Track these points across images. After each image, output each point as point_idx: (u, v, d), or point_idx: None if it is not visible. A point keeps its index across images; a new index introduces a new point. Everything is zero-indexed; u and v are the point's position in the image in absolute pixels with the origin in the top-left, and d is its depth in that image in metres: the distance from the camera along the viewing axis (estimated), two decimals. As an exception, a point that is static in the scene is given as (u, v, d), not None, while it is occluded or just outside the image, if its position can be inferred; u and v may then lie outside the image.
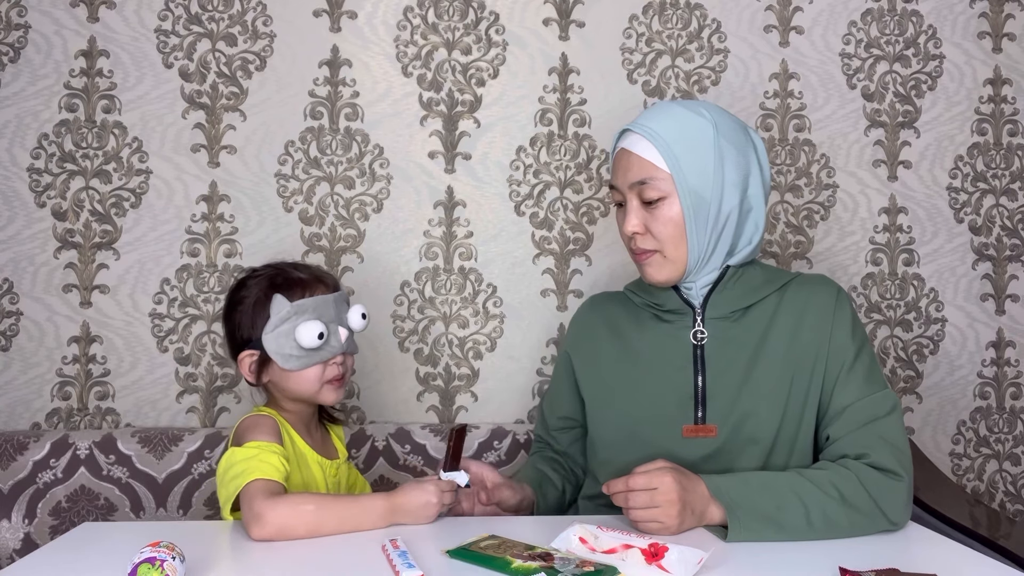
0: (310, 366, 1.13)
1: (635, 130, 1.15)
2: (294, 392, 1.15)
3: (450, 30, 1.67)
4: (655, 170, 1.12)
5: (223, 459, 1.07)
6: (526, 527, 1.03)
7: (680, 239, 1.13)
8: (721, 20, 1.71)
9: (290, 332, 1.11)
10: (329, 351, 1.14)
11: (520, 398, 1.65)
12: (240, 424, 1.13)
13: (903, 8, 1.75)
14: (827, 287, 1.17)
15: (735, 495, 1.01)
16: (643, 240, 1.15)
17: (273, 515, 0.97)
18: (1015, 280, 1.76)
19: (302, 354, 1.12)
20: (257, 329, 1.13)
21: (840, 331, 1.13)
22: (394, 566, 0.86)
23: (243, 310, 1.15)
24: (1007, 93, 1.77)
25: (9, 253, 1.58)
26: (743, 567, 0.89)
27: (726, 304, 1.16)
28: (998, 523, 1.36)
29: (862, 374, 1.11)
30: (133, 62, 1.61)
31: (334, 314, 1.15)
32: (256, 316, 1.14)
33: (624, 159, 1.16)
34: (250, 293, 1.15)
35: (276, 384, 1.16)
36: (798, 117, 1.72)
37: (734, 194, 1.14)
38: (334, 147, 1.64)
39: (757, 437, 1.11)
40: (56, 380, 1.58)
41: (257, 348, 1.14)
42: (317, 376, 1.14)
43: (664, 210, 1.12)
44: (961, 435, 1.74)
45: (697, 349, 1.15)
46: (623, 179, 1.15)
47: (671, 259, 1.15)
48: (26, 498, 1.43)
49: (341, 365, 1.16)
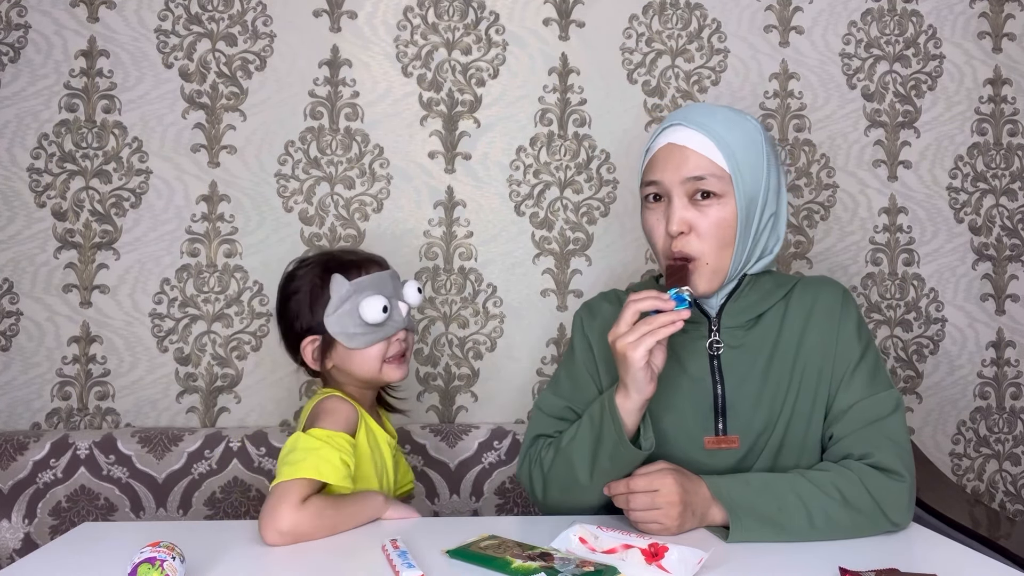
0: (375, 343, 1.13)
1: (688, 125, 1.10)
2: (358, 373, 1.15)
3: (450, 30, 1.67)
4: (714, 167, 1.07)
5: (289, 441, 1.06)
6: (526, 527, 1.03)
7: (726, 244, 1.09)
8: (721, 20, 1.71)
9: (353, 310, 1.12)
10: (392, 326, 1.14)
11: (520, 398, 1.65)
12: (316, 406, 1.11)
13: (903, 8, 1.75)
14: (832, 288, 1.16)
15: (736, 496, 1.01)
16: (687, 242, 1.08)
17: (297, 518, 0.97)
18: (1015, 280, 1.76)
19: (367, 331, 1.12)
20: (317, 315, 1.13)
21: (846, 331, 1.12)
22: (394, 566, 0.86)
23: (299, 299, 1.15)
24: (1007, 93, 1.77)
25: (9, 253, 1.58)
26: (743, 567, 0.89)
27: (741, 313, 1.14)
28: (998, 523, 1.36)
29: (867, 373, 1.10)
30: (133, 62, 1.61)
31: (392, 290, 1.16)
32: (314, 302, 1.14)
33: (677, 153, 1.09)
34: (304, 282, 1.16)
35: (340, 367, 1.16)
36: (798, 117, 1.72)
37: (774, 200, 1.13)
38: (334, 147, 1.64)
39: (775, 444, 1.10)
40: (56, 380, 1.58)
41: (319, 332, 1.14)
42: (380, 354, 1.14)
43: (717, 211, 1.07)
44: (961, 435, 1.74)
45: (714, 359, 1.13)
46: (675, 173, 1.08)
47: (713, 267, 1.09)
48: (26, 498, 1.43)
49: (403, 342, 1.17)
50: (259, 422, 1.61)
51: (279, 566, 0.90)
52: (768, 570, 0.89)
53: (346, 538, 1.00)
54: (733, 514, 0.99)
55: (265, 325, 1.62)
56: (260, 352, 1.62)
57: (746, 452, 1.10)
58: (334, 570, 0.89)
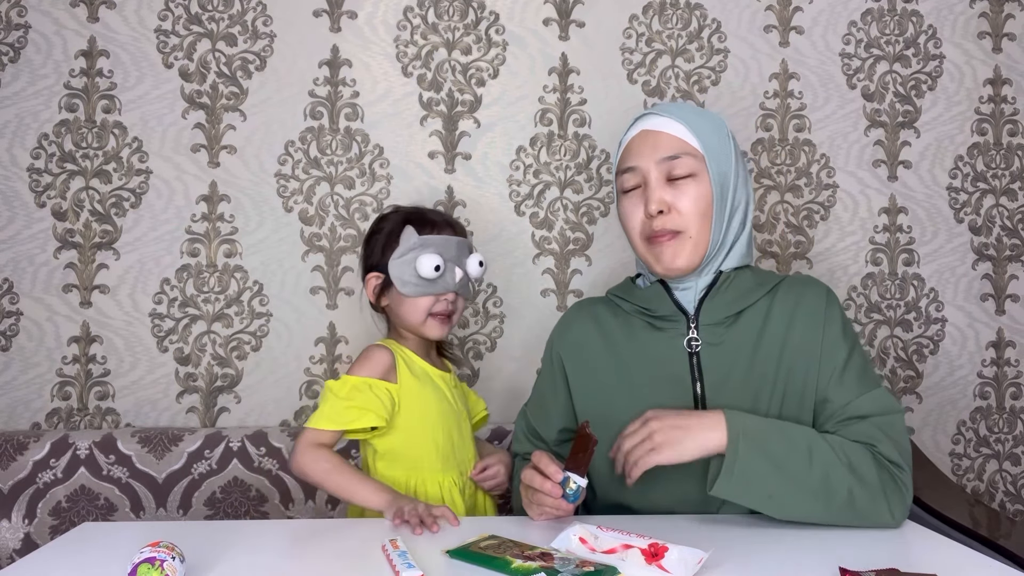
0: (424, 295, 1.22)
1: (660, 114, 1.15)
2: (403, 318, 1.25)
3: (450, 30, 1.67)
4: (687, 147, 1.12)
5: (328, 382, 1.19)
6: (526, 527, 1.03)
7: (705, 219, 1.12)
8: (721, 20, 1.71)
9: (412, 261, 1.21)
10: (443, 285, 1.23)
11: (520, 398, 1.65)
12: (362, 354, 1.23)
13: (903, 8, 1.75)
14: (816, 288, 1.16)
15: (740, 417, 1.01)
16: (667, 220, 1.11)
17: (303, 458, 1.13)
18: (1015, 280, 1.76)
19: (419, 282, 1.21)
20: (386, 256, 1.24)
21: (831, 331, 1.12)
22: (394, 566, 0.86)
23: (378, 238, 1.27)
24: (1007, 93, 1.77)
25: (9, 253, 1.58)
26: (743, 567, 0.89)
27: (719, 310, 1.14)
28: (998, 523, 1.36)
29: (857, 372, 1.10)
30: (133, 62, 1.61)
31: (455, 254, 1.24)
32: (388, 244, 1.25)
33: (650, 138, 1.14)
34: (387, 224, 1.27)
35: (391, 308, 1.27)
36: (798, 117, 1.72)
37: (743, 190, 1.16)
38: (334, 147, 1.65)
39: None
40: (56, 380, 1.58)
41: (383, 272, 1.25)
42: (427, 307, 1.23)
43: (693, 188, 1.11)
44: (961, 435, 1.74)
45: (692, 357, 1.13)
46: (650, 156, 1.12)
47: (695, 240, 1.12)
48: (26, 498, 1.43)
49: (452, 303, 1.25)
50: (259, 422, 1.61)
51: (279, 566, 0.90)
52: (768, 570, 0.89)
53: (346, 538, 1.00)
54: (732, 434, 0.99)
55: (265, 325, 1.62)
56: (260, 352, 1.62)
57: None
58: (334, 570, 0.89)
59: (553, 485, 1.00)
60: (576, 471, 1.00)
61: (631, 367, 1.16)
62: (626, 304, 1.21)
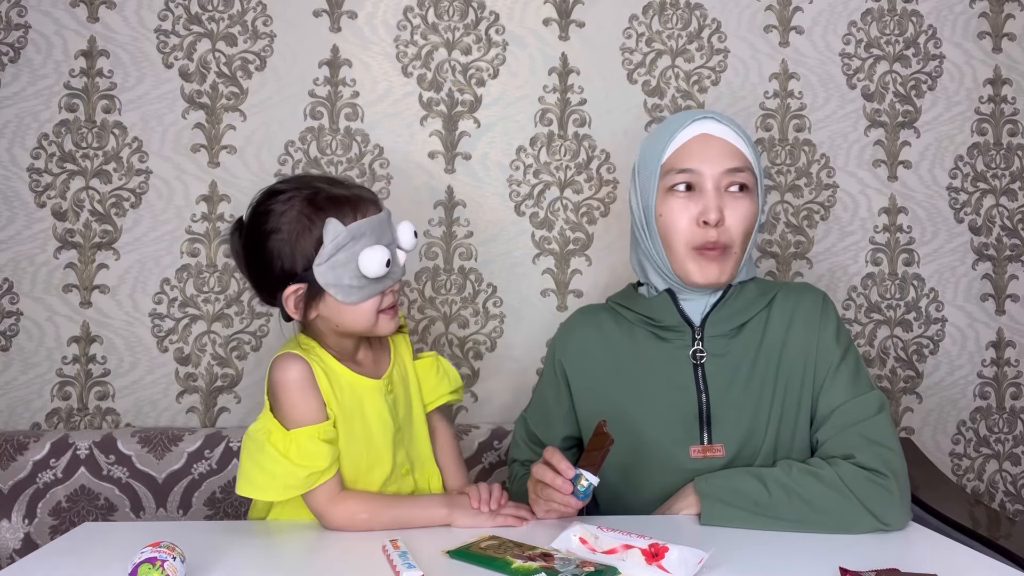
0: (371, 297, 1.02)
1: (720, 120, 1.13)
2: (348, 327, 1.05)
3: (450, 30, 1.67)
4: (747, 161, 1.13)
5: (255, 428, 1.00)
6: (526, 528, 1.03)
7: (747, 237, 1.13)
8: (721, 20, 1.71)
9: (350, 261, 0.99)
10: (391, 278, 1.03)
11: (520, 398, 1.65)
12: (270, 378, 1.04)
13: (903, 8, 1.75)
14: (812, 295, 1.17)
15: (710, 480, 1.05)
16: (720, 232, 1.10)
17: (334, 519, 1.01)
18: (1015, 280, 1.76)
19: (364, 284, 1.00)
20: (301, 260, 1.00)
21: (826, 336, 1.12)
22: (394, 566, 0.86)
23: (279, 240, 1.00)
24: (1007, 93, 1.77)
25: (9, 253, 1.58)
26: (743, 567, 0.89)
27: (725, 321, 1.14)
28: (998, 523, 1.36)
29: (847, 376, 1.10)
30: (133, 62, 1.61)
31: (390, 236, 1.04)
32: (299, 245, 0.99)
33: (715, 143, 1.12)
34: (288, 217, 1.00)
35: (327, 319, 1.05)
36: (798, 117, 1.72)
37: (763, 210, 1.19)
38: (334, 147, 1.64)
39: (761, 451, 1.10)
40: (56, 380, 1.58)
41: (304, 281, 1.01)
42: (374, 307, 1.03)
43: (746, 204, 1.12)
44: (961, 435, 1.74)
45: (697, 368, 1.13)
46: (715, 162, 1.10)
47: (736, 257, 1.13)
48: (26, 498, 1.43)
49: (396, 292, 1.07)
50: (259, 422, 1.61)
51: (279, 566, 0.90)
52: (768, 570, 0.89)
53: (347, 538, 1.00)
54: (705, 496, 1.02)
55: (265, 325, 1.62)
56: (260, 352, 1.62)
57: (730, 460, 1.10)
58: (334, 570, 0.89)
59: (564, 481, 0.99)
60: (589, 468, 0.99)
61: (635, 376, 1.16)
62: (630, 313, 1.20)
